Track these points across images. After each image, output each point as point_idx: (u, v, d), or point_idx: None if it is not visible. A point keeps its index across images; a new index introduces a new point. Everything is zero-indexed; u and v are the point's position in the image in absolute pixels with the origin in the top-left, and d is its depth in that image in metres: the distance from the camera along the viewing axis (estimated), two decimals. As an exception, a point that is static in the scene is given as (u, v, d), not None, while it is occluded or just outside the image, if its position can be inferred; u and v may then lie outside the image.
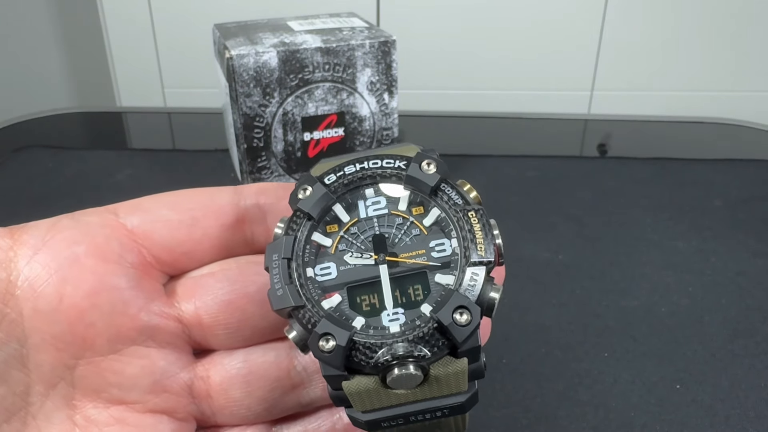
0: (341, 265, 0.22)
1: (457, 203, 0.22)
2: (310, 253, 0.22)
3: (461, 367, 0.20)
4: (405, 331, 0.20)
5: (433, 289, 0.21)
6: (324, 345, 0.20)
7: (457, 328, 0.20)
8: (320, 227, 0.23)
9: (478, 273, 0.21)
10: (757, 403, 0.34)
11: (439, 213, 0.22)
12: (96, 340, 0.22)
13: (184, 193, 0.25)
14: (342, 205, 0.23)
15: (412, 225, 0.22)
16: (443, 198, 0.22)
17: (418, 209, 0.23)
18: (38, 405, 0.22)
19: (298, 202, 0.22)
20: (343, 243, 0.22)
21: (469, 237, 0.21)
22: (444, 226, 0.22)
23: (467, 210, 0.22)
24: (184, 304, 0.24)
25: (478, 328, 0.20)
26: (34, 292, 0.21)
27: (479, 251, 0.21)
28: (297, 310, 0.21)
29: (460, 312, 0.20)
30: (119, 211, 0.24)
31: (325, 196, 0.22)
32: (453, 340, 0.20)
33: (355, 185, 0.23)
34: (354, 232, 0.23)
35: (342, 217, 0.23)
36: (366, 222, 0.23)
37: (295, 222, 0.22)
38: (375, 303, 0.21)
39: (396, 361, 0.20)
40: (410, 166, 0.22)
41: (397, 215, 0.23)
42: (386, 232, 0.22)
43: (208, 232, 0.24)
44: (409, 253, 0.22)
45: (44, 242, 0.22)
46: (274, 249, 0.22)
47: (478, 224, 0.21)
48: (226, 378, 0.24)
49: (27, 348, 0.21)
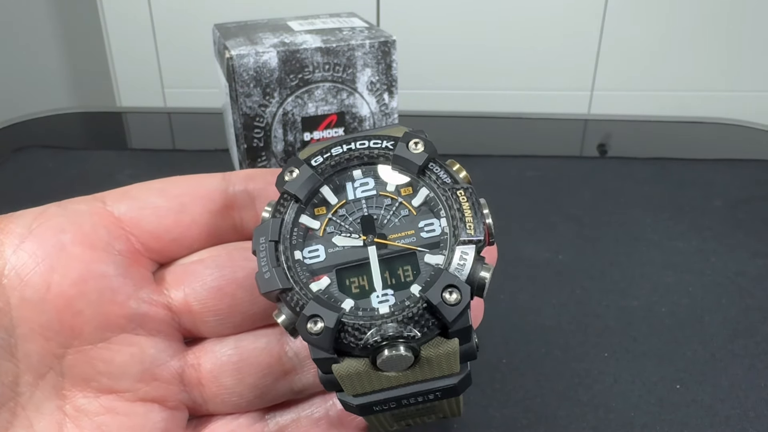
0: (330, 247, 0.22)
1: (445, 182, 0.22)
2: (297, 236, 0.22)
3: (452, 348, 0.20)
4: (394, 312, 0.20)
5: (422, 270, 0.21)
6: (312, 327, 0.20)
7: (446, 308, 0.20)
8: (308, 209, 0.22)
9: (468, 252, 0.20)
10: (757, 403, 0.34)
11: (427, 193, 0.22)
12: (84, 329, 0.22)
13: (173, 179, 0.25)
14: (330, 186, 0.23)
15: (401, 205, 0.22)
16: (431, 177, 0.22)
17: (406, 190, 0.22)
18: (27, 395, 0.22)
19: (285, 184, 0.22)
20: (332, 225, 0.22)
21: (458, 216, 0.21)
22: (433, 206, 0.22)
23: (456, 189, 0.21)
24: (173, 291, 0.23)
25: (468, 307, 0.20)
26: (21, 280, 0.21)
27: (468, 230, 0.21)
28: (285, 293, 0.21)
29: (450, 291, 0.20)
30: (107, 198, 0.24)
31: (311, 177, 0.22)
32: (443, 319, 0.20)
33: (342, 166, 0.22)
34: (342, 213, 0.22)
35: (330, 199, 0.22)
36: (354, 203, 0.22)
37: (282, 205, 0.22)
38: (364, 285, 0.21)
39: (385, 342, 0.20)
40: (397, 146, 0.22)
41: (385, 196, 0.22)
42: (375, 214, 0.22)
43: (197, 219, 0.24)
44: (398, 234, 0.22)
45: (30, 231, 0.22)
46: (261, 232, 0.22)
47: (467, 203, 0.21)
48: (216, 365, 0.24)
49: (15, 338, 0.21)
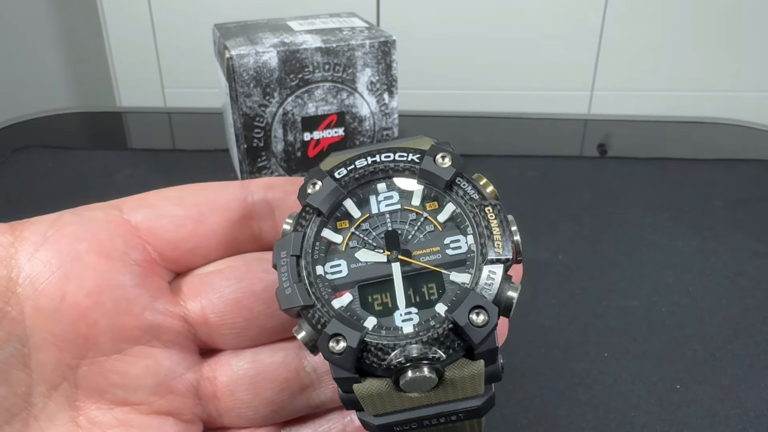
0: (352, 262, 0.21)
1: (473, 198, 0.21)
2: (319, 251, 0.21)
3: (478, 370, 0.20)
4: (419, 332, 0.20)
5: (447, 288, 0.20)
6: (334, 346, 0.19)
7: (473, 329, 0.19)
8: (330, 223, 0.22)
9: (496, 271, 0.20)
10: (757, 403, 0.34)
11: (454, 208, 0.21)
12: (99, 340, 0.22)
13: (190, 188, 0.24)
14: (353, 200, 0.22)
15: (426, 221, 0.21)
16: (458, 193, 0.21)
17: (432, 204, 0.22)
18: (40, 406, 0.21)
19: (308, 197, 0.21)
20: (354, 240, 0.22)
21: (486, 233, 0.20)
22: (459, 222, 0.21)
23: (484, 205, 0.21)
24: (189, 302, 0.23)
25: (495, 328, 0.19)
26: (36, 290, 0.21)
27: (497, 248, 0.20)
28: (306, 310, 0.20)
29: (477, 312, 0.19)
30: (123, 206, 0.23)
31: (335, 191, 0.21)
32: (469, 341, 0.19)
33: (366, 179, 0.22)
34: (365, 228, 0.22)
35: (353, 212, 0.22)
36: (378, 218, 0.22)
37: (304, 218, 0.21)
38: (387, 302, 0.21)
39: (409, 363, 0.19)
40: (424, 160, 0.21)
41: (410, 211, 0.22)
42: (399, 228, 0.21)
43: (215, 228, 0.23)
44: (422, 250, 0.21)
45: (46, 238, 0.22)
46: (283, 246, 0.21)
47: (495, 220, 0.20)
48: (233, 379, 0.23)
49: (28, 347, 0.21)
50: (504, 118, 0.71)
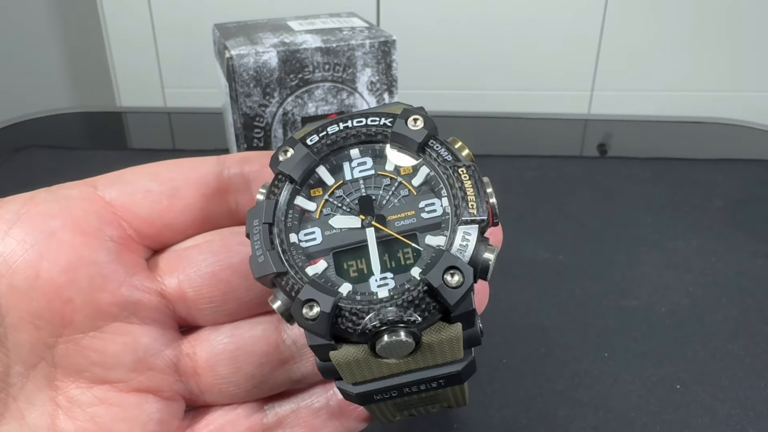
0: (326, 229, 0.21)
1: (446, 160, 0.21)
2: (293, 218, 0.21)
3: (455, 333, 0.19)
4: (394, 296, 0.19)
5: (423, 252, 0.20)
6: (308, 312, 0.19)
7: (448, 290, 0.19)
8: (304, 191, 0.21)
9: (470, 232, 0.20)
10: (757, 403, 0.34)
11: (428, 171, 0.21)
12: (75, 317, 0.21)
13: (166, 163, 0.24)
14: (326, 167, 0.22)
15: (401, 185, 0.21)
16: (432, 155, 0.21)
17: (406, 169, 0.21)
18: (19, 386, 0.21)
19: (279, 164, 0.21)
20: (328, 207, 0.21)
21: (460, 195, 0.20)
22: (434, 186, 0.21)
23: (457, 166, 0.21)
24: (166, 278, 0.23)
25: (471, 290, 0.19)
26: (9, 268, 0.21)
27: (471, 209, 0.20)
28: (280, 278, 0.20)
29: (451, 273, 0.19)
30: (98, 183, 0.23)
31: (306, 157, 0.21)
32: (444, 303, 0.19)
33: (339, 145, 0.22)
34: (339, 195, 0.21)
35: (326, 179, 0.22)
36: (352, 184, 0.21)
37: (277, 186, 0.21)
38: (362, 268, 0.20)
39: (385, 326, 0.19)
40: (396, 123, 0.21)
41: (384, 176, 0.21)
42: (373, 194, 0.21)
43: (190, 203, 0.23)
44: (397, 214, 0.21)
45: (19, 216, 0.21)
46: (255, 214, 0.21)
47: (470, 181, 0.20)
48: (212, 354, 0.23)
49: (4, 327, 0.21)
50: (504, 118, 0.71)
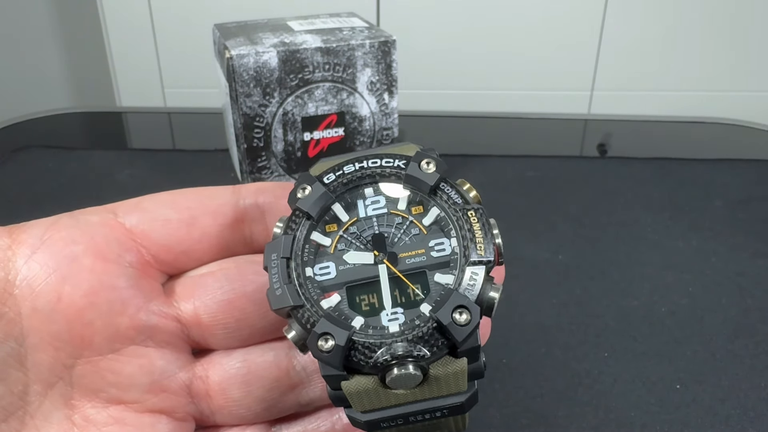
0: (340, 264, 0.22)
1: (456, 202, 0.22)
2: (309, 253, 0.22)
3: (461, 367, 0.20)
4: (404, 331, 0.20)
5: (432, 289, 0.21)
6: (323, 345, 0.20)
7: (456, 328, 0.20)
8: (319, 226, 0.23)
9: (478, 272, 0.21)
10: (757, 403, 0.34)
11: (438, 212, 0.22)
12: (94, 340, 0.22)
13: (183, 192, 0.25)
14: (341, 204, 0.23)
15: (412, 224, 0.22)
16: (442, 197, 0.22)
17: (417, 208, 0.23)
18: (36, 404, 0.22)
19: (297, 201, 0.22)
20: (343, 242, 0.22)
21: (469, 236, 0.21)
22: (443, 226, 0.22)
23: (467, 209, 0.22)
24: (182, 303, 0.24)
25: (477, 327, 0.20)
26: (33, 291, 0.21)
27: (479, 251, 0.21)
28: (296, 310, 0.21)
29: (460, 312, 0.20)
30: (118, 210, 0.24)
31: (324, 195, 0.22)
32: (452, 339, 0.20)
33: (354, 184, 0.23)
34: (353, 231, 0.22)
35: (341, 216, 0.23)
36: (365, 221, 0.23)
37: (294, 221, 0.22)
38: (374, 303, 0.21)
39: (395, 360, 0.20)
40: (409, 165, 0.22)
41: (396, 214, 0.23)
42: (385, 232, 0.22)
43: (207, 232, 0.24)
44: (408, 252, 0.22)
45: (42, 241, 0.22)
46: (273, 248, 0.22)
47: (478, 223, 0.21)
48: (224, 378, 0.24)
49: (25, 347, 0.21)
50: (504, 118, 0.71)
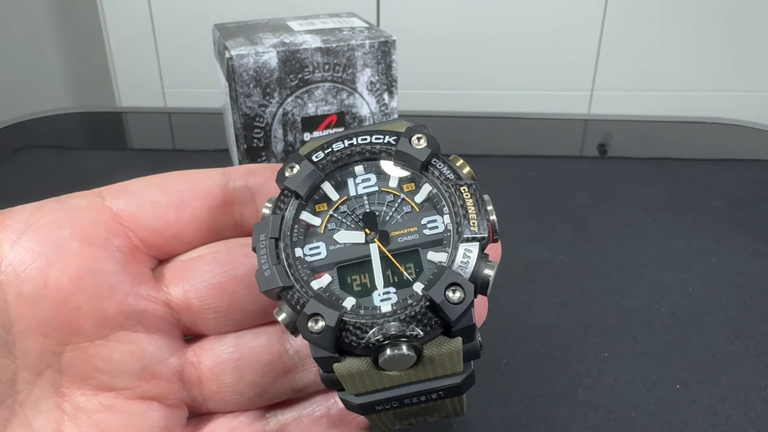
0: (331, 244, 0.21)
1: (448, 178, 0.21)
2: (298, 233, 0.22)
3: (455, 347, 0.20)
4: (396, 311, 0.20)
5: (425, 267, 0.21)
6: (313, 326, 0.19)
7: (449, 306, 0.19)
8: (309, 206, 0.22)
9: (471, 249, 0.20)
10: (757, 403, 0.34)
11: (430, 189, 0.22)
12: (82, 325, 0.22)
13: (172, 175, 0.24)
14: (331, 182, 0.22)
15: (404, 202, 0.22)
16: (434, 173, 0.22)
17: (409, 186, 0.22)
18: (25, 393, 0.22)
19: (285, 180, 0.22)
20: (333, 222, 0.22)
21: (462, 213, 0.21)
22: (436, 203, 0.22)
23: (459, 185, 0.21)
24: (172, 287, 0.23)
25: (471, 305, 0.20)
26: (18, 277, 0.21)
27: (472, 227, 0.20)
28: (285, 291, 0.20)
29: (453, 289, 0.19)
30: (105, 194, 0.23)
31: (312, 173, 0.22)
32: (446, 318, 0.19)
33: (343, 162, 0.22)
34: (344, 210, 0.22)
35: (331, 195, 0.22)
36: (356, 200, 0.22)
37: (283, 201, 0.22)
38: (366, 283, 0.21)
39: (388, 341, 0.19)
40: (400, 141, 0.22)
41: (387, 192, 0.22)
42: (377, 210, 0.22)
43: (196, 214, 0.23)
44: (400, 230, 0.21)
45: (28, 226, 0.22)
46: (261, 229, 0.21)
47: (471, 199, 0.21)
48: (216, 363, 0.23)
49: (12, 335, 0.21)
50: (504, 118, 0.71)
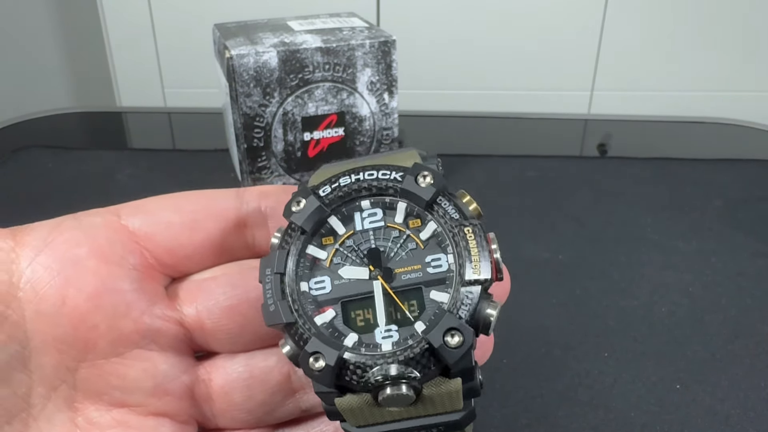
0: (336, 279, 0.22)
1: (453, 218, 0.21)
2: (304, 266, 0.22)
3: (455, 387, 0.20)
4: (396, 352, 0.20)
5: (427, 306, 0.21)
6: (314, 364, 0.20)
7: (448, 351, 0.19)
8: (315, 239, 0.22)
9: (473, 291, 0.20)
10: (757, 403, 0.34)
11: (435, 227, 0.22)
12: (98, 343, 0.22)
13: (187, 195, 0.25)
14: (337, 217, 0.22)
15: (409, 238, 0.22)
16: (439, 212, 0.21)
17: (415, 222, 0.22)
18: (40, 407, 0.22)
19: (291, 216, 0.22)
20: (339, 256, 0.22)
21: (465, 254, 0.21)
22: (441, 241, 0.21)
23: (463, 225, 0.21)
24: (186, 307, 0.24)
25: (471, 349, 0.20)
26: (37, 294, 0.21)
27: (474, 269, 0.20)
28: (289, 327, 0.21)
29: (452, 334, 0.19)
30: (121, 212, 0.24)
31: (318, 209, 0.22)
32: (444, 362, 0.19)
33: (350, 197, 0.22)
34: (349, 244, 0.22)
35: (338, 229, 0.22)
36: (362, 234, 0.22)
37: (289, 235, 0.22)
38: (369, 318, 0.21)
39: (388, 381, 0.20)
40: (405, 179, 0.22)
41: (393, 228, 0.22)
42: (382, 246, 0.22)
43: (210, 236, 0.24)
44: (404, 267, 0.21)
45: (46, 244, 0.22)
46: (267, 263, 0.22)
47: (474, 241, 0.21)
48: (227, 382, 0.24)
49: (29, 350, 0.21)
50: (504, 118, 0.71)
